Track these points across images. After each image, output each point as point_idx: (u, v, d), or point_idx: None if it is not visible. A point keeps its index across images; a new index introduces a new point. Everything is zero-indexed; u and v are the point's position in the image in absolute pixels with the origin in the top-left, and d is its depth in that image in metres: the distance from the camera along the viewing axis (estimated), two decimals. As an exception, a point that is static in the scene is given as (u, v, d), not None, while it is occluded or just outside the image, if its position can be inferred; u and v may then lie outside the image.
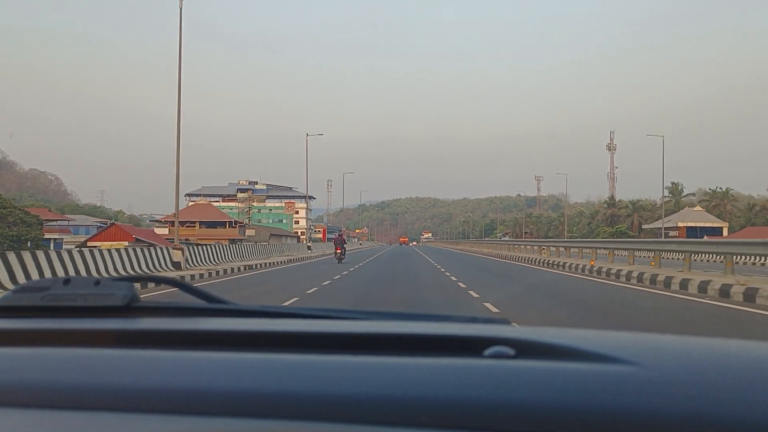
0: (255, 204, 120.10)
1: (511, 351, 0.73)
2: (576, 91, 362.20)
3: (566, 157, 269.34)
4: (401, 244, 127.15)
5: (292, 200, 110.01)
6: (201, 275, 18.89)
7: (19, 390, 0.70)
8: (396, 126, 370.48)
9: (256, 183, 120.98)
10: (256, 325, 0.93)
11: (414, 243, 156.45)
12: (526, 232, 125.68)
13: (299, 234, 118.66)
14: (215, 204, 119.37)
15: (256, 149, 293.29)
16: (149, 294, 11.39)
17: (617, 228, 74.52)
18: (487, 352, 0.73)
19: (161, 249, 20.66)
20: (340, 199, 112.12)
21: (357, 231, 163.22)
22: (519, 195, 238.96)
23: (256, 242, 39.18)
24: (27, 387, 0.71)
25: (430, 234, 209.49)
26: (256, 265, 24.49)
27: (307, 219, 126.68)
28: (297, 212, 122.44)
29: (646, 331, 0.88)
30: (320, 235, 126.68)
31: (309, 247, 43.88)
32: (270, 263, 25.87)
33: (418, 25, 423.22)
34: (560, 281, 17.35)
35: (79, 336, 0.86)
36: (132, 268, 17.76)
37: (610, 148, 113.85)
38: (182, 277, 16.67)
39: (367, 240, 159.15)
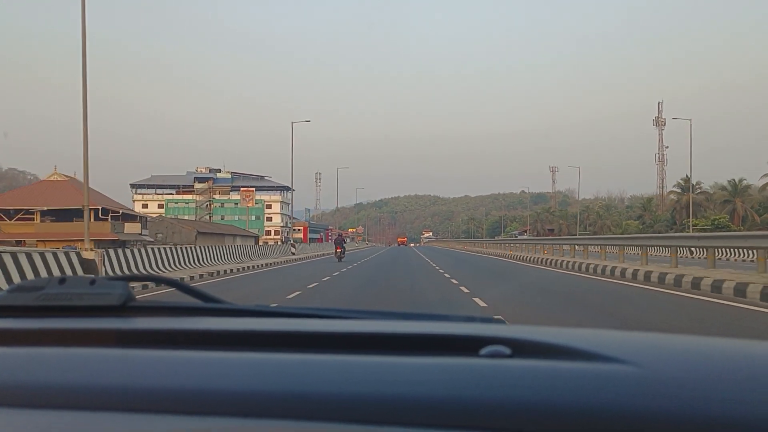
0: (217, 196, 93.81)
1: (507, 350, 0.72)
2: (577, 88, 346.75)
3: (569, 153, 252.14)
4: (399, 245, 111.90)
5: (251, 189, 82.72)
6: None
7: (15, 390, 0.70)
8: (393, 124, 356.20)
9: (219, 171, 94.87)
10: (252, 324, 0.92)
11: (414, 244, 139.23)
12: (549, 230, 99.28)
13: (263, 233, 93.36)
14: (168, 197, 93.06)
15: (248, 149, 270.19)
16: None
17: (713, 219, 48.31)
18: (483, 351, 0.73)
19: None
20: (329, 194, 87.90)
21: (350, 230, 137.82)
22: (523, 191, 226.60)
23: (151, 246, 23.41)
24: (22, 387, 0.70)
25: (431, 233, 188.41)
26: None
27: (283, 215, 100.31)
28: (270, 206, 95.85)
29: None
30: (300, 234, 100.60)
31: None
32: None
33: (416, 21, 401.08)
34: None
35: (74, 335, 0.85)
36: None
37: (658, 122, 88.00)
38: None
39: (362, 240, 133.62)
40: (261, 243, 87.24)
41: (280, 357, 0.73)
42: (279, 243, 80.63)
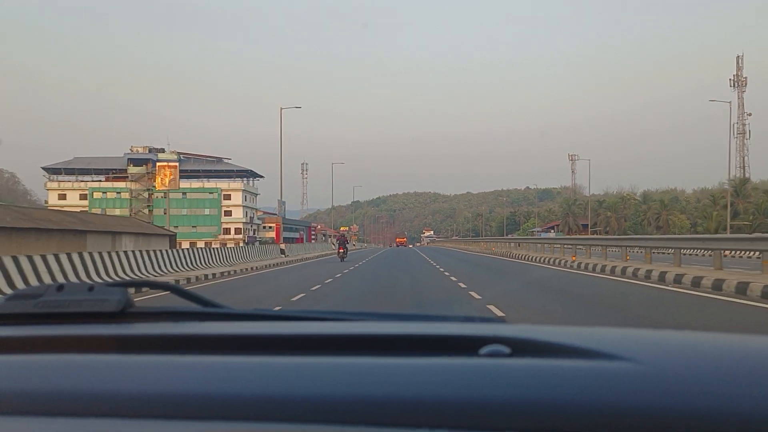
0: (158, 185, 69.62)
1: (506, 349, 0.72)
2: (578, 87, 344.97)
3: (569, 151, 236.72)
4: (398, 246, 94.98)
5: (171, 164, 57.33)
6: None
7: (14, 398, 0.69)
8: (391, 122, 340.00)
9: (162, 151, 70.99)
10: (251, 328, 0.91)
11: (416, 244, 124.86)
12: (584, 225, 75.24)
13: (220, 231, 70.06)
14: (94, 185, 69.14)
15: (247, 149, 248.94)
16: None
17: None
18: (482, 351, 0.72)
19: None
20: (320, 193, 65.68)
21: (342, 229, 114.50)
22: (528, 188, 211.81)
23: None
24: (21, 395, 0.70)
25: (432, 232, 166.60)
26: None
27: (247, 208, 76.18)
28: (228, 197, 71.69)
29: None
30: (272, 233, 76.57)
31: None
32: None
33: (414, 17, 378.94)
34: None
35: (73, 342, 0.84)
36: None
37: (737, 82, 64.37)
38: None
39: (357, 240, 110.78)
40: (218, 245, 61.44)
41: (279, 360, 0.73)
42: (241, 244, 57.14)
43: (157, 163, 51.76)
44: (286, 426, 0.61)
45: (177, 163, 55.18)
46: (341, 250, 30.09)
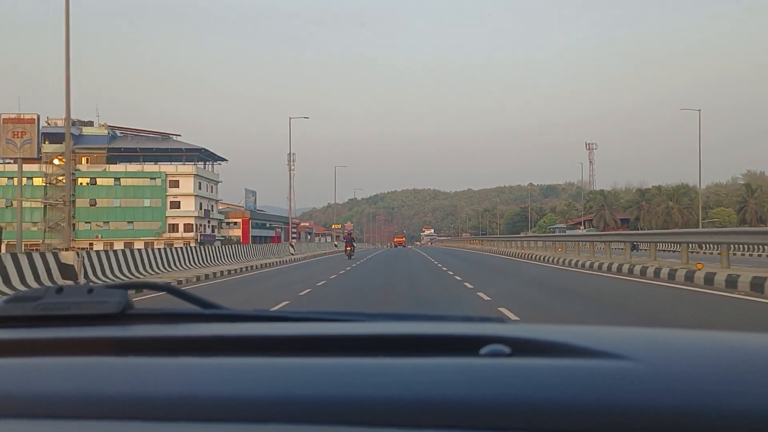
0: (84, 167, 52.54)
1: (506, 349, 0.71)
2: (579, 83, 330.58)
3: (570, 148, 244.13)
4: (396, 246, 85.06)
5: (22, 119, 36.06)
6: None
7: (14, 400, 0.69)
8: (389, 119, 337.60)
9: (90, 124, 54.30)
10: (251, 329, 0.91)
11: (415, 244, 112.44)
12: (623, 221, 57.83)
13: (165, 228, 53.53)
14: None
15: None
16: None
17: None
18: (482, 350, 0.72)
19: None
20: (314, 186, 50.24)
21: (335, 227, 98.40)
22: (531, 184, 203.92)
23: None
24: (22, 397, 0.69)
25: (432, 230, 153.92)
26: None
27: (203, 198, 59.11)
28: (176, 183, 54.63)
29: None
30: (239, 231, 59.60)
31: None
32: None
33: (413, 16, 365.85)
34: None
35: (73, 345, 0.84)
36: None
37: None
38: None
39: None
40: (162, 245, 42.67)
41: (280, 361, 0.73)
42: (193, 245, 39.63)
43: (1, 116, 33.19)
44: (286, 427, 0.61)
45: (34, 117, 35.67)
46: (348, 248, 32.49)
